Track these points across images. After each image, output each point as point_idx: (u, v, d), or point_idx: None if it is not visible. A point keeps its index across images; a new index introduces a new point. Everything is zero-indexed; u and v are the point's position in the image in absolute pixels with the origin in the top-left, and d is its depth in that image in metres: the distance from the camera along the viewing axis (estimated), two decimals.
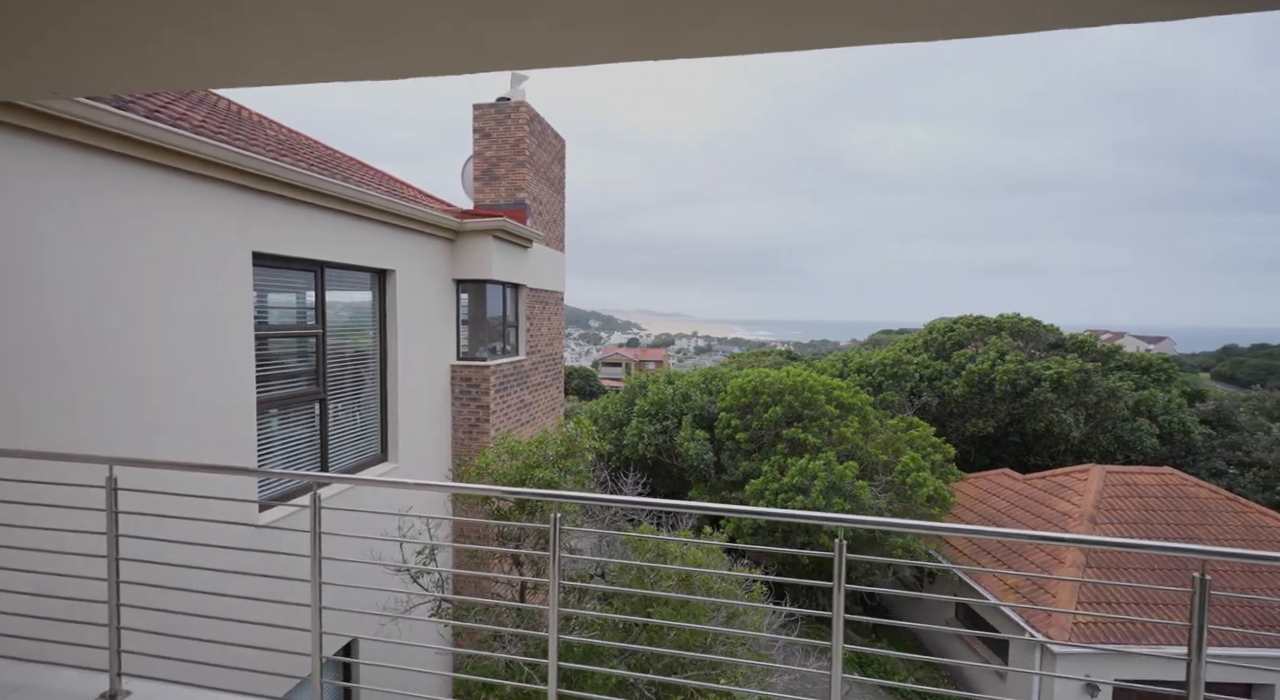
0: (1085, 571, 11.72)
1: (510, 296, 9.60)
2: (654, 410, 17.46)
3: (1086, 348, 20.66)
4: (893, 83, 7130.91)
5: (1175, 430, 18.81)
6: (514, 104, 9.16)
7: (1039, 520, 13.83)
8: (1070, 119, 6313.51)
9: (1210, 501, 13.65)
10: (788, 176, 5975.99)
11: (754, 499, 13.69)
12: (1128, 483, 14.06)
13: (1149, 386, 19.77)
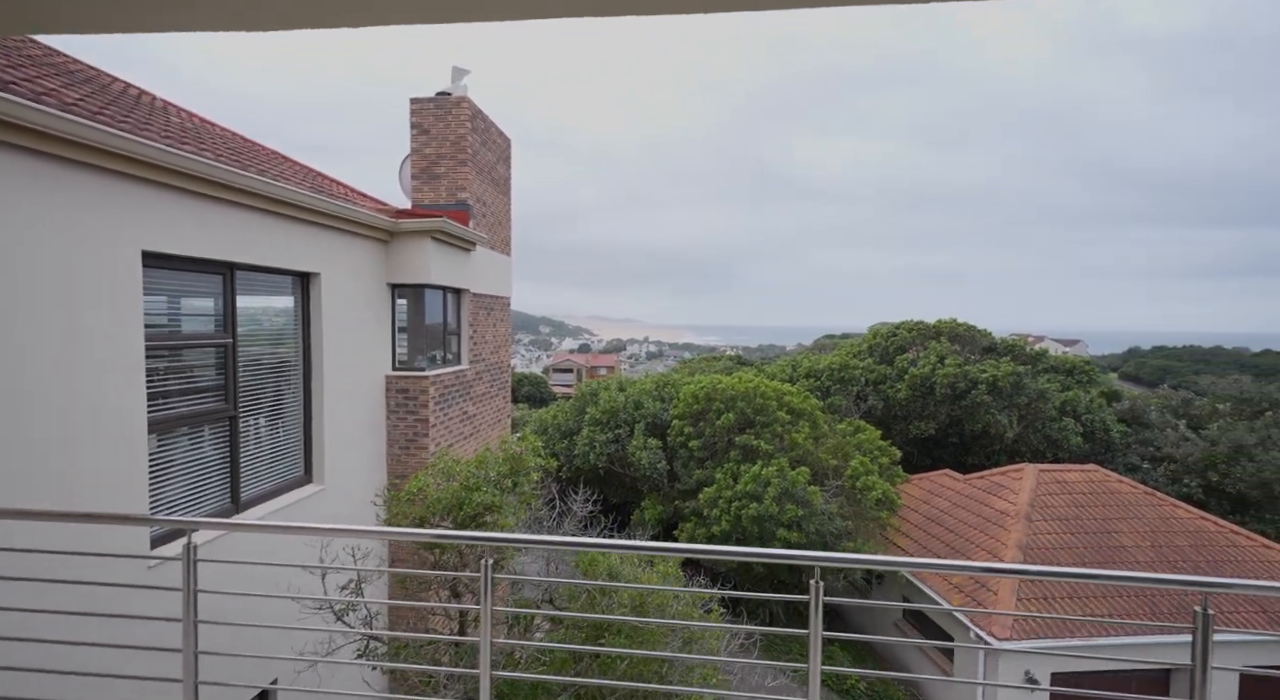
0: None
1: (452, 302, 9.06)
2: (606, 419, 17.10)
3: (1017, 351, 21.75)
4: (824, 98, 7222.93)
5: (1097, 429, 20.02)
6: (455, 99, 8.68)
7: (979, 519, 14.31)
8: (983, 137, 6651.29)
9: (1130, 496, 14.50)
10: (730, 185, 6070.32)
11: (708, 507, 13.53)
12: (1058, 480, 14.76)
13: (1073, 388, 20.99)
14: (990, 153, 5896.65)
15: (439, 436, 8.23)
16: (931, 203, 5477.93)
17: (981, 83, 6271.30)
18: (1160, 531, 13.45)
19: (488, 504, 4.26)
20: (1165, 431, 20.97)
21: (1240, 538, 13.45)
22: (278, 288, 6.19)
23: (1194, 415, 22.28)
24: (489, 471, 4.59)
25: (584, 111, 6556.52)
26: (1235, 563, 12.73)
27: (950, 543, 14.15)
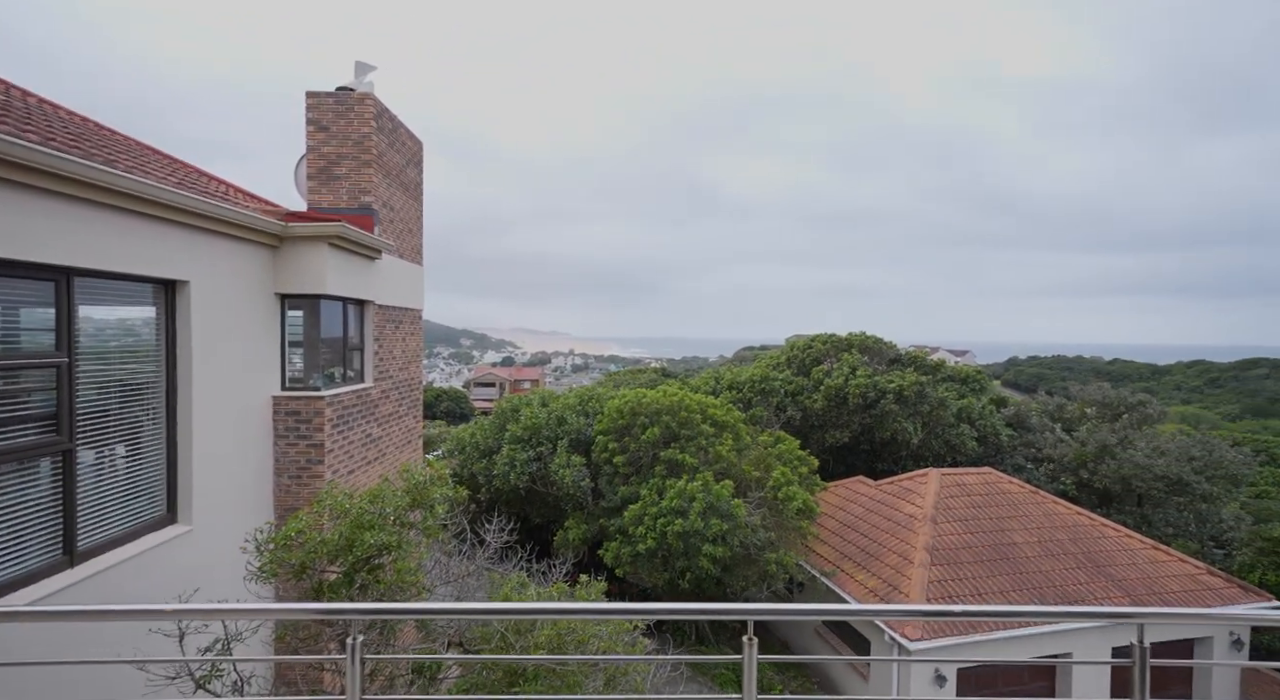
0: (931, 569, 12.80)
1: (353, 314, 8.30)
2: (527, 436, 16.46)
3: (919, 362, 23.30)
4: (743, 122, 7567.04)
5: (989, 433, 21.75)
6: (358, 96, 8.02)
7: (890, 523, 15.00)
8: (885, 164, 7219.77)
9: (1019, 496, 15.76)
10: (654, 201, 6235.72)
11: (633, 525, 13.26)
12: (958, 483, 15.80)
13: (967, 396, 22.72)
14: (891, 178, 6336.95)
15: (337, 463, 7.45)
16: (841, 222, 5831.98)
17: (883, 115, 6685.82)
18: (1045, 527, 14.68)
19: (383, 544, 3.75)
20: (1044, 434, 23.14)
21: (1108, 529, 14.94)
22: (134, 297, 5.32)
23: (1067, 418, 24.78)
24: (386, 506, 4.07)
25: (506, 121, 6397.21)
26: (1107, 552, 14.09)
27: (865, 547, 14.71)
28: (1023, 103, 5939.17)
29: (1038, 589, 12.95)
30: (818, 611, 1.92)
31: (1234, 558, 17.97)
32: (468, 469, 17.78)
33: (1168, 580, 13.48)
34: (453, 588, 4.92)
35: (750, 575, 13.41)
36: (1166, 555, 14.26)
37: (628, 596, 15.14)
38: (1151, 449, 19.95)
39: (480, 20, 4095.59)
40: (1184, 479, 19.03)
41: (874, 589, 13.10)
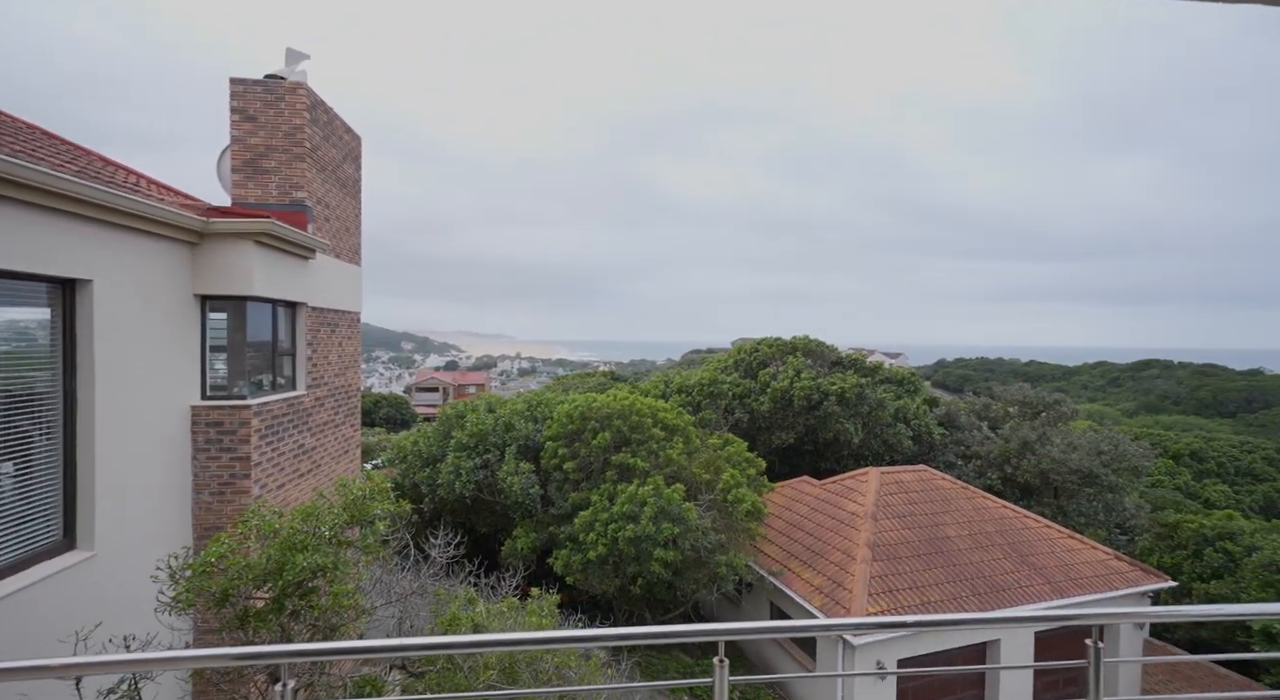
0: (872, 565, 13.27)
1: (284, 317, 7.77)
2: (473, 443, 15.96)
3: (859, 365, 24.22)
4: (689, 128, 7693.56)
5: (923, 432, 22.84)
6: (289, 84, 7.52)
7: (834, 521, 15.45)
8: (826, 173, 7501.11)
9: (951, 491, 16.59)
10: (601, 205, 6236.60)
11: (584, 532, 13.07)
12: (897, 481, 16.47)
13: (903, 396, 23.80)
14: (833, 189, 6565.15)
15: (265, 477, 6.93)
16: (786, 229, 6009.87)
17: (826, 129, 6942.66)
18: (975, 521, 15.51)
19: (317, 566, 3.46)
20: (972, 432, 24.54)
21: (1030, 521, 15.95)
22: (22, 297, 4.76)
23: (992, 417, 26.38)
24: (321, 524, 3.77)
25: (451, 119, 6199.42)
26: (1029, 542, 15.03)
27: (810, 545, 15.09)
28: (952, 122, 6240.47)
29: (969, 580, 13.64)
30: (787, 628, 1.88)
31: (1136, 542, 19.61)
32: (410, 478, 17.06)
33: (1082, 566, 14.52)
34: (396, 608, 4.64)
35: (701, 578, 13.48)
36: (1080, 543, 15.37)
37: (579, 604, 14.91)
38: (1066, 445, 21.52)
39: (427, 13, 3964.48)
40: (1094, 472, 20.62)
41: (819, 586, 13.44)
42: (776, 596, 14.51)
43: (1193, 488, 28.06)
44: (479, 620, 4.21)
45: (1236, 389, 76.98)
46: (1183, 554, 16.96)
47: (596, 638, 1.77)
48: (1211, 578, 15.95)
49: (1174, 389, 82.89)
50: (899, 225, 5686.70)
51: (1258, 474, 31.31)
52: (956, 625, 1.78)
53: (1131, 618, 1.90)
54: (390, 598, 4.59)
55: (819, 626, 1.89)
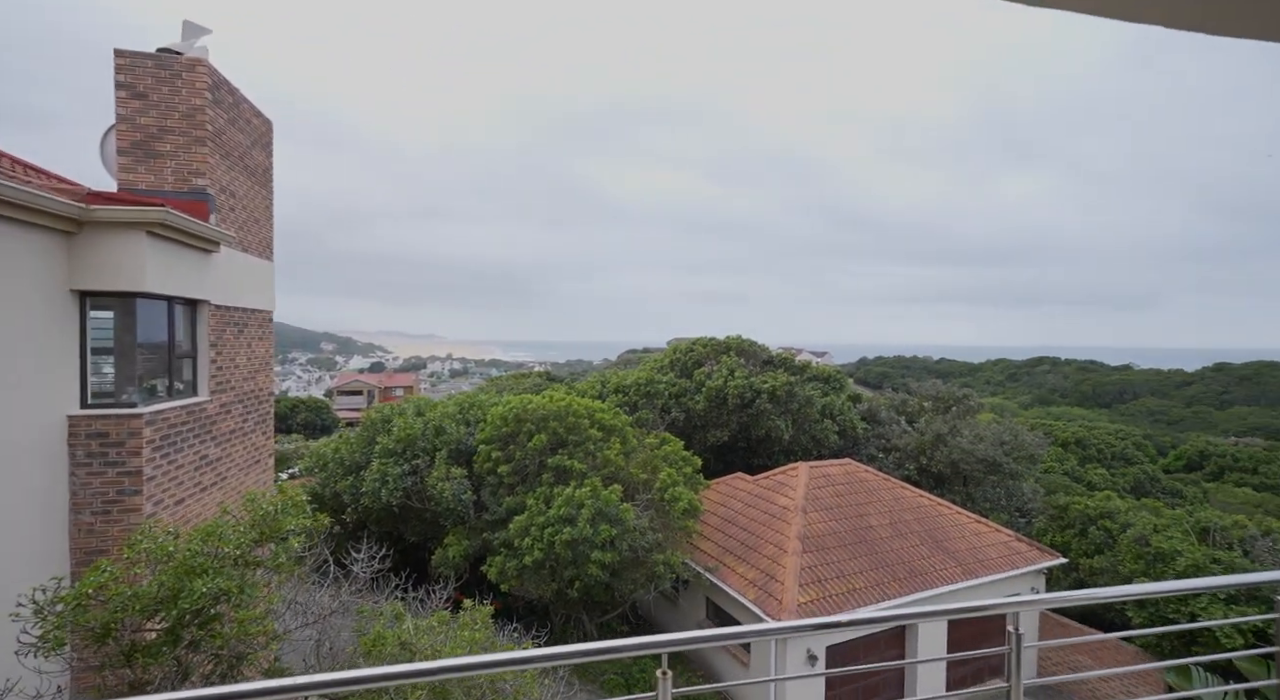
0: (803, 557, 13.77)
1: (183, 316, 7.08)
2: (401, 448, 15.23)
3: (788, 363, 25.12)
4: (623, 128, 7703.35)
5: (847, 427, 23.99)
6: (187, 61, 6.85)
7: (767, 516, 15.93)
8: (753, 177, 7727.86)
9: (873, 483, 17.52)
10: (535, 203, 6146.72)
11: (519, 537, 12.76)
12: (824, 475, 17.20)
13: (829, 393, 24.90)
14: (761, 193, 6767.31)
15: (160, 493, 6.27)
16: (717, 231, 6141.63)
17: (748, 131, 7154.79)
18: (895, 510, 16.44)
19: (220, 592, 3.13)
20: (892, 426, 26.03)
21: (943, 508, 17.11)
22: None
23: (909, 412, 28.11)
24: (224, 545, 3.41)
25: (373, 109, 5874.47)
26: (943, 528, 16.11)
27: (744, 540, 15.47)
28: (873, 133, 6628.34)
29: (891, 566, 14.45)
30: (727, 636, 1.86)
31: (1033, 524, 21.49)
32: (330, 488, 16.06)
33: (988, 549, 15.73)
34: (314, 629, 4.30)
35: (639, 577, 13.51)
36: (986, 527, 16.65)
37: (514, 612, 14.56)
38: (973, 436, 23.25)
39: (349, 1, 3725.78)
40: (997, 461, 22.41)
41: (753, 580, 13.80)
42: (713, 592, 14.77)
43: (1078, 472, 31.14)
44: (406, 637, 3.97)
45: (1112, 383, 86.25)
46: (1071, 533, 18.76)
47: (533, 659, 1.68)
48: (1094, 553, 17.74)
49: (1061, 383, 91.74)
50: (823, 229, 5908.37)
51: (1129, 458, 35.19)
52: (884, 621, 1.82)
53: (1043, 604, 2.03)
54: (307, 619, 4.24)
55: (756, 631, 1.89)
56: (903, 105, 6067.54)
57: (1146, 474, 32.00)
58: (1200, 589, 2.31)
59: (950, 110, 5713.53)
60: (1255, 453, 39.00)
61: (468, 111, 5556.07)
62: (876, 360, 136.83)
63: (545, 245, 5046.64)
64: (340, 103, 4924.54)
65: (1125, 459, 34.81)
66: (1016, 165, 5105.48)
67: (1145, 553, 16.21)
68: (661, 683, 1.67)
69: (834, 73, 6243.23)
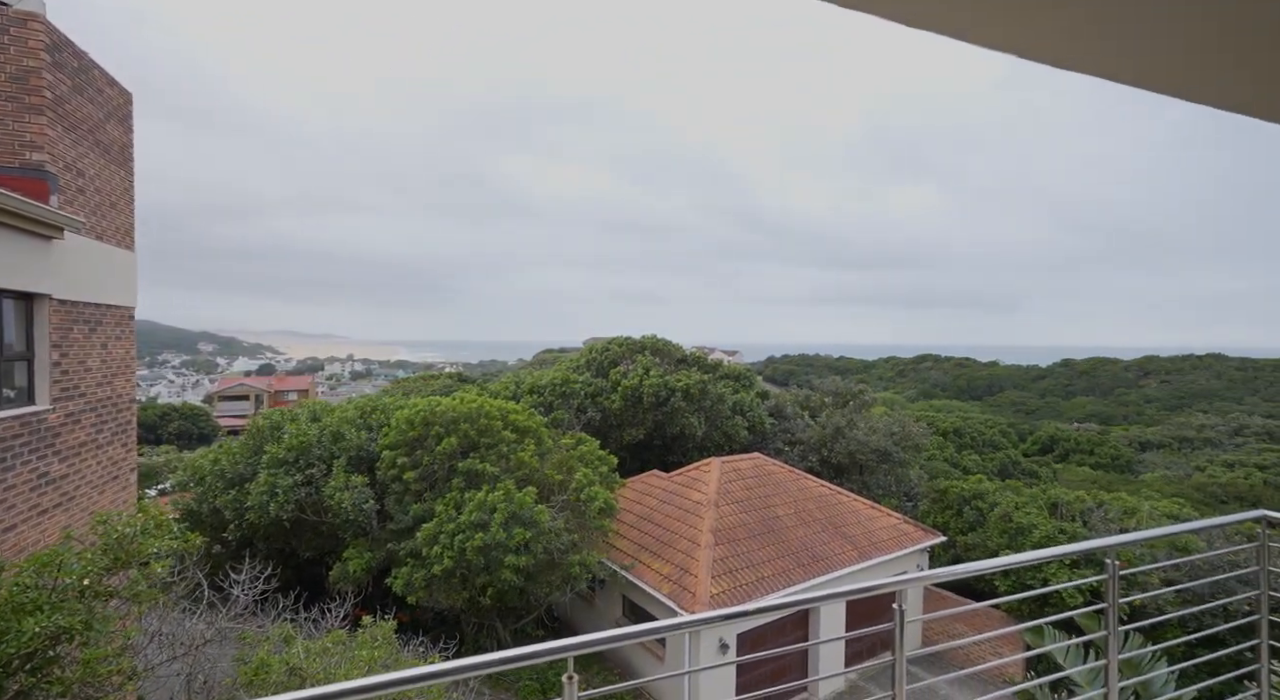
0: (715, 549, 14.23)
1: (17, 313, 6.09)
2: (293, 457, 14.04)
3: (701, 362, 25.85)
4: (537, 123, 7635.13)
5: (756, 423, 25.08)
6: (16, 14, 5.90)
7: (681, 511, 16.30)
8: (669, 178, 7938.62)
9: (780, 475, 18.45)
10: (445, 197, 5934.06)
11: (427, 545, 12.18)
12: (735, 469, 17.87)
13: (740, 391, 25.91)
14: (673, 194, 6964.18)
15: None
16: (631, 231, 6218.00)
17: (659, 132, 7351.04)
18: (799, 500, 17.40)
19: (60, 630, 2.70)
20: (796, 421, 27.54)
21: (842, 496, 18.34)
22: None
23: (812, 407, 29.87)
24: (65, 575, 2.95)
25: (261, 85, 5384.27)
26: (841, 515, 17.26)
27: (660, 536, 15.74)
28: (780, 142, 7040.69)
29: (795, 554, 15.29)
30: (633, 634, 1.87)
31: (918, 507, 23.57)
32: (209, 503, 14.51)
33: (880, 532, 17.07)
34: (184, 663, 3.83)
35: (554, 580, 13.34)
36: (879, 512, 18.05)
37: (422, 624, 13.89)
38: (868, 428, 25.12)
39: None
40: (888, 450, 24.36)
41: (668, 575, 14.07)
42: (629, 590, 14.89)
43: (955, 459, 34.58)
44: (296, 661, 3.64)
45: (983, 378, 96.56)
46: (950, 513, 20.77)
47: (432, 675, 1.59)
48: (968, 530, 19.75)
49: (942, 379, 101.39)
50: (733, 232, 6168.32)
51: (996, 444, 39.57)
52: (784, 607, 1.91)
53: (924, 581, 2.22)
54: (175, 652, 3.77)
55: (662, 627, 1.91)
56: (808, 120, 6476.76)
57: (1010, 458, 36.13)
58: (1048, 557, 2.63)
59: (849, 127, 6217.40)
60: (1091, 437, 45.23)
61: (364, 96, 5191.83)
62: (783, 359, 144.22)
63: (457, 241, 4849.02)
64: (222, 80, 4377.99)
65: (993, 445, 39.07)
66: (905, 179, 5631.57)
67: (1009, 528, 18.26)
68: (568, 687, 1.65)
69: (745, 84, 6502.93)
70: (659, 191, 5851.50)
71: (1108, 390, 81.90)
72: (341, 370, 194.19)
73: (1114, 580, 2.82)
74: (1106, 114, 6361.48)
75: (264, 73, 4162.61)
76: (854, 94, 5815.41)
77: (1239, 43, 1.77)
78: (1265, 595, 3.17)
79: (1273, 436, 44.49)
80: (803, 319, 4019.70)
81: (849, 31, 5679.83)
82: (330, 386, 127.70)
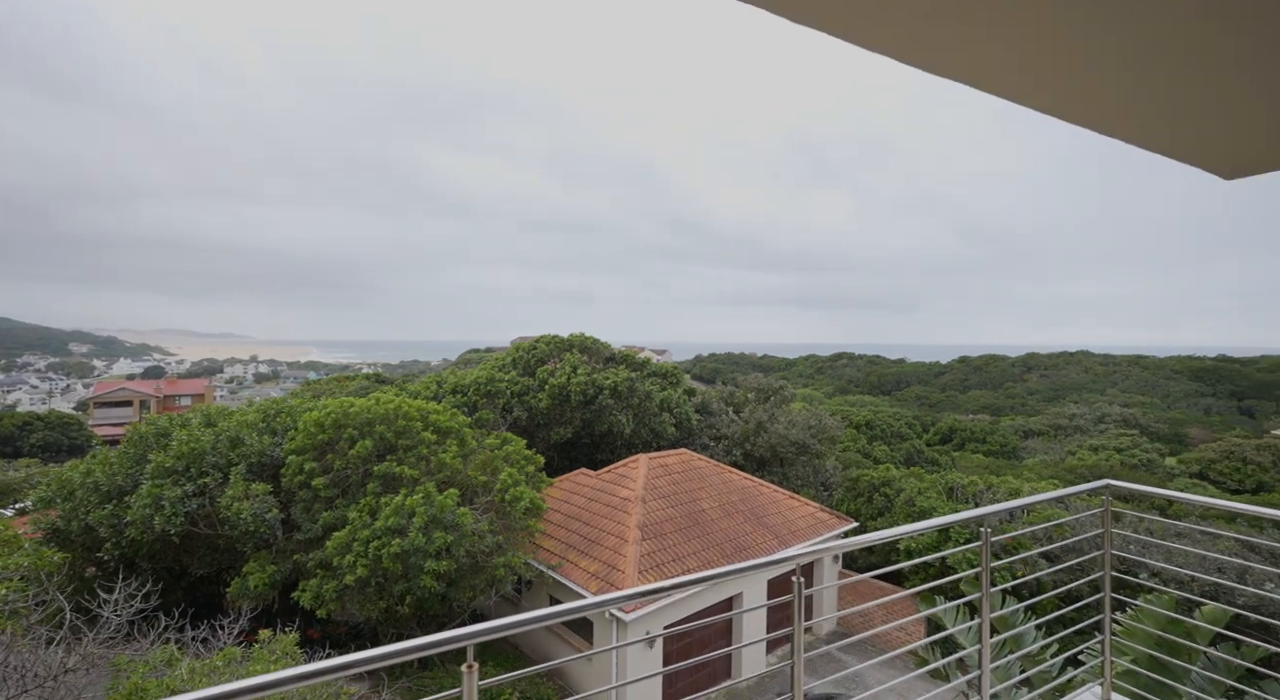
0: (642, 544, 14.39)
1: None
2: (183, 466, 12.82)
3: (630, 360, 26.04)
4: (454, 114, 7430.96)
5: (683, 419, 25.58)
6: None
7: (608, 508, 16.34)
8: (593, 178, 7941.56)
9: (705, 469, 18.93)
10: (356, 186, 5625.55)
11: (338, 555, 11.50)
12: (662, 465, 18.14)
13: (667, 388, 26.32)
14: (603, 193, 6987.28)
15: None
16: (559, 230, 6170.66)
17: (587, 131, 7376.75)
18: (724, 493, 17.93)
19: None
20: (721, 417, 28.35)
21: (764, 488, 19.08)
22: None
23: (736, 403, 30.85)
24: None
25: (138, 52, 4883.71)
26: (763, 506, 17.96)
27: (588, 534, 15.71)
28: (704, 147, 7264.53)
29: (720, 545, 15.74)
30: (534, 619, 1.88)
31: (833, 495, 24.94)
32: (80, 520, 12.97)
33: (799, 520, 17.91)
34: (35, 695, 3.40)
35: (478, 583, 12.99)
36: (798, 502, 18.94)
37: (334, 638, 13.12)
38: (788, 422, 26.28)
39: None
40: (806, 443, 25.60)
41: (596, 573, 14.07)
42: (556, 589, 14.76)
43: (867, 449, 36.89)
44: (178, 685, 3.34)
45: (891, 374, 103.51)
46: (862, 500, 22.14)
47: (321, 671, 1.52)
48: (878, 515, 21.16)
49: (856, 375, 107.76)
50: (661, 233, 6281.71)
51: (903, 435, 42.60)
52: (686, 586, 1.98)
53: (811, 556, 2.37)
54: (26, 685, 3.34)
55: (570, 610, 1.93)
56: (734, 128, 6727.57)
57: (915, 448, 38.98)
58: (925, 528, 2.88)
59: (771, 136, 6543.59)
60: (983, 426, 49.70)
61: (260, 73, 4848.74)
62: (710, 357, 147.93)
63: (375, 236, 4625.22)
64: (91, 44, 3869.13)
65: (900, 436, 42.00)
66: (823, 187, 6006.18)
67: (912, 511, 19.72)
68: (467, 677, 1.63)
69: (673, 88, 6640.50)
70: (589, 190, 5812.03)
71: (998, 384, 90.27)
72: (244, 372, 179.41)
73: (986, 546, 3.13)
74: (1000, 133, 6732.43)
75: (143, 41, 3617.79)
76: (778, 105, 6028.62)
77: (1103, 67, 2.02)
78: (1108, 554, 3.63)
79: (1127, 422, 50.80)
80: (730, 319, 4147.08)
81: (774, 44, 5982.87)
82: (231, 390, 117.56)
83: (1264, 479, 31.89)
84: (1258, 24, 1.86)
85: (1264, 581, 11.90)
